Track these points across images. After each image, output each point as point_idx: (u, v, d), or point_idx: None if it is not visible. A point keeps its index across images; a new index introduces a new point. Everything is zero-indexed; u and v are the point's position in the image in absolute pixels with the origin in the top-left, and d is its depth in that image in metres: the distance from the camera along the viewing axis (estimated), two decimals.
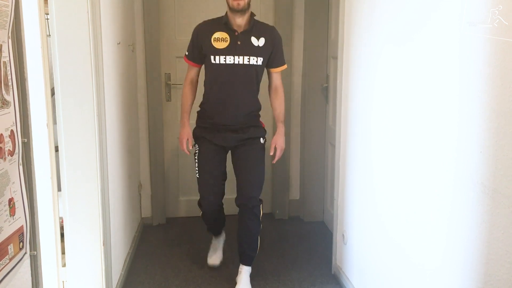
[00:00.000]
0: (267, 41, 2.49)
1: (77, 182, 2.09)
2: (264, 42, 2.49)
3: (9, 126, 1.15)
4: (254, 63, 2.46)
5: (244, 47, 2.45)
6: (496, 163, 1.27)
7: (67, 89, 2.01)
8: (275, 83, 2.64)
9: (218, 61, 2.45)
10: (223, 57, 2.44)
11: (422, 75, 1.68)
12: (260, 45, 2.48)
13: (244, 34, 2.45)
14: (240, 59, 2.44)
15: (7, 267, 1.15)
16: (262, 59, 2.48)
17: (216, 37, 2.45)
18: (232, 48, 2.44)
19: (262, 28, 2.52)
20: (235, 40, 2.44)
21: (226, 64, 2.45)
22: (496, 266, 1.29)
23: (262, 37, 2.49)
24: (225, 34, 2.45)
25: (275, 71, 2.61)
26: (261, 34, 2.49)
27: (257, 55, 2.46)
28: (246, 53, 2.45)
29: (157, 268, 2.83)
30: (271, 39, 2.52)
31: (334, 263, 2.75)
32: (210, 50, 2.46)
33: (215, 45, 2.45)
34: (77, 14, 1.98)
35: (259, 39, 2.48)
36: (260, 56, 2.47)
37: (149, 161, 3.47)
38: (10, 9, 1.15)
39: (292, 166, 3.63)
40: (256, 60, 2.47)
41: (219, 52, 2.44)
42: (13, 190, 1.18)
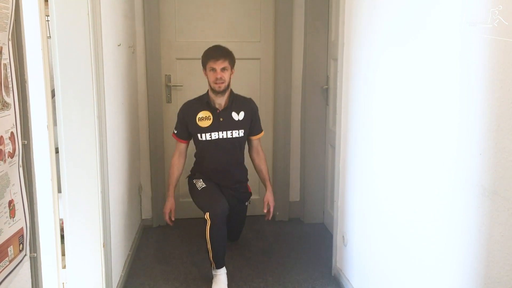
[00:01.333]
0: (246, 114, 2.82)
1: (78, 184, 2.09)
2: (243, 115, 2.81)
3: (9, 128, 1.15)
4: (236, 135, 2.80)
5: (227, 123, 2.77)
6: (496, 165, 1.27)
7: (68, 91, 2.01)
8: (256, 148, 2.97)
9: (204, 138, 2.77)
10: (208, 134, 2.76)
11: (422, 77, 1.68)
12: (240, 119, 2.80)
13: (225, 111, 2.77)
14: (224, 134, 2.77)
15: (7, 269, 1.15)
16: (243, 131, 2.81)
17: (200, 116, 2.77)
18: (215, 125, 2.76)
19: (240, 102, 2.83)
20: (218, 117, 2.76)
21: (212, 139, 2.77)
22: (496, 268, 1.29)
23: (242, 111, 2.81)
24: (208, 113, 2.77)
25: (254, 138, 2.94)
26: (240, 108, 2.81)
27: (238, 128, 2.79)
28: (229, 128, 2.78)
29: (158, 270, 2.83)
30: (250, 111, 2.84)
31: (334, 265, 2.75)
32: (196, 129, 2.77)
33: (200, 124, 2.77)
34: (78, 15, 1.98)
35: (239, 113, 2.80)
36: (241, 129, 2.80)
37: (149, 162, 3.48)
38: (10, 11, 1.15)
39: (292, 168, 3.63)
40: (238, 133, 2.80)
41: (204, 130, 2.76)
42: (13, 192, 1.18)
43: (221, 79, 2.66)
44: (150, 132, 3.43)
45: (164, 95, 3.46)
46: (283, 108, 3.52)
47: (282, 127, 3.55)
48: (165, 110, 3.48)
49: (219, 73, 2.65)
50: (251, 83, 3.51)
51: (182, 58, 3.45)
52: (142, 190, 3.49)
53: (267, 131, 2.82)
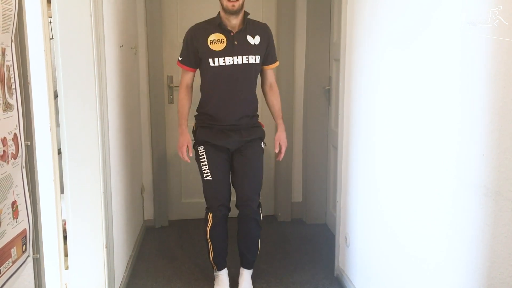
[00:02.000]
0: (262, 38, 2.49)
1: (80, 185, 2.09)
2: (259, 40, 2.48)
3: (12, 130, 1.15)
4: (252, 61, 2.46)
5: (242, 47, 2.44)
6: (499, 166, 1.27)
7: (70, 92, 2.02)
8: (270, 80, 2.64)
9: (217, 63, 2.42)
10: (222, 58, 2.42)
11: (423, 78, 1.67)
12: (257, 43, 2.47)
13: (240, 34, 2.44)
14: (239, 59, 2.43)
15: (10, 270, 1.16)
16: (259, 57, 2.49)
17: (212, 39, 2.43)
18: (230, 49, 2.42)
19: (255, 26, 2.51)
20: (232, 40, 2.43)
21: (226, 65, 2.43)
22: (499, 269, 1.29)
23: (257, 35, 2.48)
24: (221, 35, 2.43)
25: (269, 68, 2.61)
26: (256, 32, 2.48)
27: (254, 53, 2.46)
28: (245, 52, 2.44)
29: (160, 271, 2.83)
30: (266, 36, 2.51)
31: (336, 266, 2.75)
32: (207, 53, 2.43)
33: (212, 48, 2.42)
34: (80, 17, 1.99)
35: (254, 37, 2.47)
36: (258, 54, 2.48)
37: (151, 163, 3.48)
38: (13, 13, 1.15)
39: (295, 168, 3.63)
40: (255, 58, 2.46)
41: (218, 54, 2.42)
42: (16, 193, 1.18)
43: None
44: (152, 132, 3.43)
45: (166, 96, 3.46)
46: (285, 108, 3.51)
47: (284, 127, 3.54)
48: (167, 111, 3.48)
49: None
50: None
51: None
52: (144, 191, 3.49)
53: (269, 132, 2.71)
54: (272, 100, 2.66)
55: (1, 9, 1.08)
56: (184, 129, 2.56)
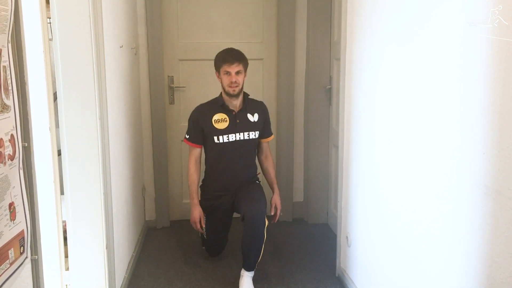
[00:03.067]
0: (260, 116, 2.82)
1: (80, 186, 2.09)
2: (258, 117, 2.81)
3: (9, 131, 1.15)
4: (253, 136, 2.78)
5: (243, 124, 2.75)
6: (499, 165, 1.26)
7: (69, 93, 2.02)
8: (265, 152, 2.96)
9: (221, 140, 2.73)
10: (226, 136, 2.72)
11: (424, 77, 1.67)
12: (255, 120, 2.80)
13: (241, 113, 2.75)
14: (241, 136, 2.75)
15: (8, 272, 1.15)
16: (258, 132, 2.81)
17: (216, 119, 2.73)
18: (232, 126, 2.73)
19: (254, 105, 2.83)
20: (234, 119, 2.73)
21: (229, 141, 2.73)
22: (500, 269, 1.28)
23: (256, 113, 2.81)
24: (224, 115, 2.73)
25: (265, 141, 2.93)
26: (254, 110, 2.80)
27: (254, 129, 2.78)
28: (246, 129, 2.76)
29: (161, 271, 2.82)
30: (263, 113, 2.84)
31: (338, 266, 2.74)
32: (212, 131, 2.72)
33: (217, 126, 2.72)
34: (79, 17, 1.99)
35: (253, 115, 2.80)
36: (257, 130, 2.80)
37: (152, 164, 3.48)
38: (10, 13, 1.15)
39: (296, 168, 3.63)
40: (254, 134, 2.79)
41: (221, 132, 2.72)
42: (14, 195, 1.18)
43: (236, 82, 2.63)
44: (153, 133, 3.43)
45: (167, 96, 3.46)
46: (286, 108, 3.52)
47: (285, 128, 3.54)
48: (168, 111, 3.48)
49: (234, 77, 2.62)
50: (254, 84, 3.50)
51: (185, 59, 3.45)
52: (145, 192, 3.49)
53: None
54: (268, 168, 2.96)
55: None
56: (196, 203, 2.80)
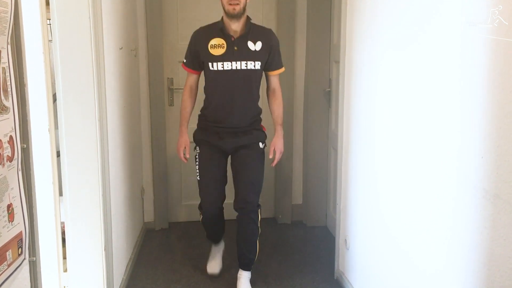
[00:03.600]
0: (264, 44, 2.50)
1: (79, 187, 2.09)
2: (261, 46, 2.49)
3: (8, 132, 1.15)
4: (252, 67, 2.47)
5: (241, 52, 2.46)
6: (498, 169, 1.26)
7: (69, 94, 2.01)
8: (273, 86, 2.66)
9: (216, 68, 2.47)
10: (220, 63, 2.45)
11: (423, 80, 1.67)
12: (257, 49, 2.49)
13: (241, 39, 2.46)
14: (237, 65, 2.45)
15: (5, 273, 1.15)
16: (259, 63, 2.49)
17: (213, 43, 2.46)
18: (229, 54, 2.45)
19: (258, 32, 2.52)
20: (232, 45, 2.45)
21: (224, 70, 2.46)
22: (498, 272, 1.28)
23: (259, 41, 2.49)
24: (222, 40, 2.46)
25: (272, 74, 2.62)
26: (258, 38, 2.49)
27: (254, 59, 2.47)
28: (243, 58, 2.46)
29: (159, 273, 2.82)
30: (268, 42, 2.52)
31: (336, 268, 2.74)
32: (207, 57, 2.47)
33: (212, 52, 2.46)
34: (79, 19, 1.99)
35: (255, 43, 2.49)
36: (258, 60, 2.48)
37: (151, 165, 3.47)
38: (9, 14, 1.15)
39: (295, 170, 3.62)
40: (254, 65, 2.47)
41: (217, 59, 2.46)
42: (12, 196, 1.17)
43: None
44: (152, 135, 3.43)
45: (166, 98, 3.46)
46: (285, 110, 3.49)
47: (284, 130, 3.49)
48: (168, 113, 3.48)
49: None
50: None
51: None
52: (144, 193, 3.48)
53: (270, 133, 2.71)
54: (273, 106, 2.68)
55: None
56: (183, 130, 2.63)
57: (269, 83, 2.66)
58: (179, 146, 2.63)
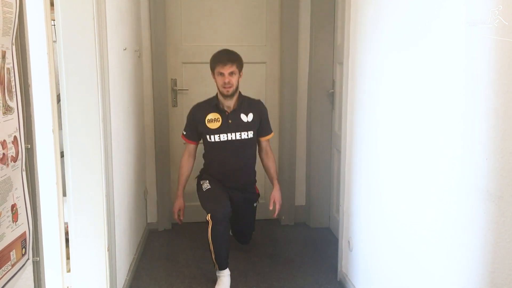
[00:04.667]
0: (255, 115, 2.83)
1: (82, 188, 2.10)
2: (252, 117, 2.82)
3: (12, 132, 1.15)
4: (245, 137, 2.81)
5: (236, 125, 2.78)
6: (502, 170, 1.25)
7: (73, 95, 2.02)
8: (265, 149, 2.98)
9: (213, 139, 2.79)
10: (217, 135, 2.78)
11: (427, 81, 1.66)
12: (249, 120, 2.81)
13: (234, 113, 2.79)
14: (232, 136, 2.79)
15: (9, 273, 1.15)
16: (252, 132, 2.83)
17: (209, 118, 2.79)
18: (224, 127, 2.77)
19: (249, 104, 2.85)
20: (227, 119, 2.77)
21: (221, 141, 2.79)
22: (502, 275, 1.27)
23: (250, 113, 2.82)
24: (217, 115, 2.78)
25: (264, 139, 2.95)
26: (249, 110, 2.82)
27: (247, 129, 2.81)
28: (238, 129, 2.79)
29: (162, 274, 2.82)
30: (258, 113, 2.85)
31: (340, 270, 2.73)
32: (205, 130, 2.80)
33: (209, 126, 2.78)
34: (83, 20, 1.99)
35: (247, 115, 2.81)
36: (250, 130, 2.82)
37: (155, 166, 3.48)
38: (14, 16, 1.15)
39: (298, 172, 3.62)
40: (247, 134, 2.81)
41: (213, 132, 2.78)
42: (16, 196, 1.18)
43: (229, 83, 2.68)
44: (156, 135, 3.44)
45: (170, 99, 3.47)
46: (289, 112, 3.52)
47: (288, 131, 3.54)
48: (171, 114, 3.49)
49: (227, 78, 2.67)
50: (257, 87, 3.51)
51: (188, 62, 3.46)
52: (148, 194, 3.49)
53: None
54: (268, 164, 2.99)
55: (2, 12, 1.09)
56: (179, 194, 2.91)
57: (261, 146, 2.98)
58: (174, 208, 2.88)
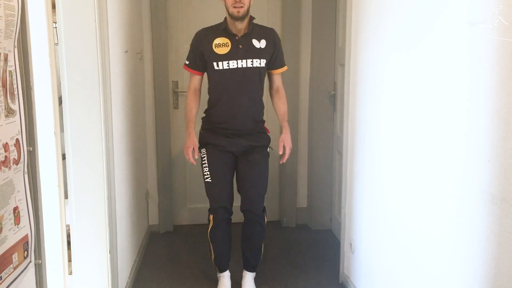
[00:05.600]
0: (268, 42, 2.50)
1: (84, 190, 2.10)
2: (265, 44, 2.49)
3: (14, 135, 1.15)
4: (257, 65, 2.47)
5: (246, 50, 2.45)
6: (505, 172, 1.25)
7: (74, 97, 2.03)
8: (277, 84, 2.65)
9: (221, 67, 2.44)
10: (226, 62, 2.44)
11: (429, 83, 1.66)
12: (262, 47, 2.48)
13: (245, 38, 2.46)
14: (243, 63, 2.44)
15: (11, 276, 1.15)
16: (265, 61, 2.49)
17: (217, 43, 2.45)
18: (234, 52, 2.44)
19: (262, 30, 2.52)
20: (237, 44, 2.44)
21: (230, 68, 2.44)
22: (505, 277, 1.27)
23: (263, 39, 2.49)
24: (226, 39, 2.45)
25: (276, 72, 2.61)
26: (262, 36, 2.49)
27: (260, 57, 2.47)
28: (249, 56, 2.45)
29: (164, 276, 2.82)
30: (272, 40, 2.52)
31: (341, 272, 2.73)
32: (212, 57, 2.46)
33: (217, 51, 2.45)
34: (85, 22, 2.00)
35: (260, 41, 2.48)
36: (263, 58, 2.48)
37: (156, 168, 3.48)
38: (16, 18, 1.15)
39: (300, 173, 3.62)
40: (259, 62, 2.47)
41: (222, 58, 2.44)
42: (18, 199, 1.18)
43: (241, 2, 2.34)
44: (158, 138, 3.44)
45: (171, 101, 3.47)
46: (290, 113, 3.49)
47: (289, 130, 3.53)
48: (173, 116, 3.49)
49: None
50: None
51: None
52: (149, 196, 3.49)
53: (274, 137, 2.72)
54: (278, 104, 2.65)
55: (4, 15, 1.09)
56: (191, 132, 2.56)
57: (273, 82, 2.65)
58: (187, 147, 2.55)
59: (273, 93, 2.67)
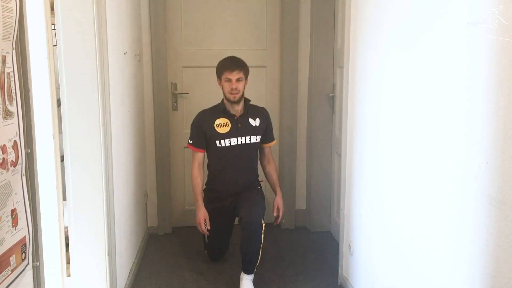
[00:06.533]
0: (262, 120, 2.88)
1: (83, 192, 2.09)
2: (259, 122, 2.87)
3: (12, 137, 1.15)
4: (254, 140, 2.84)
5: (245, 129, 2.82)
6: (503, 175, 1.25)
7: (73, 99, 2.02)
8: (268, 156, 3.00)
9: (223, 144, 2.79)
10: (227, 140, 2.79)
11: (428, 84, 1.66)
12: (257, 125, 2.86)
13: (242, 117, 2.82)
14: (242, 139, 2.81)
15: (9, 278, 1.15)
16: (260, 137, 2.87)
17: (218, 123, 2.80)
18: (234, 131, 2.80)
19: (255, 110, 2.90)
20: (236, 123, 2.80)
21: (231, 145, 2.80)
22: (503, 279, 1.27)
23: (257, 118, 2.87)
24: (226, 119, 2.80)
25: (267, 146, 2.98)
26: (256, 115, 2.87)
27: (256, 133, 2.84)
28: (247, 133, 2.82)
29: (163, 278, 2.81)
30: (264, 118, 2.91)
31: (340, 274, 2.72)
32: (214, 136, 2.79)
33: (219, 131, 2.79)
34: (84, 24, 2.00)
35: (255, 119, 2.86)
36: (258, 134, 2.86)
37: (155, 170, 3.47)
38: (14, 20, 1.15)
39: (299, 175, 3.62)
40: (256, 138, 2.85)
41: (223, 136, 2.79)
42: (16, 201, 1.17)
43: (236, 89, 2.70)
44: (156, 139, 3.43)
45: (170, 102, 3.47)
46: (289, 116, 3.52)
47: (288, 135, 3.54)
48: (171, 118, 3.49)
49: (234, 84, 2.70)
50: (257, 91, 3.51)
51: (188, 66, 3.46)
52: (148, 198, 3.48)
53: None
54: (271, 172, 2.99)
55: (2, 17, 1.09)
56: (200, 205, 2.81)
57: (264, 154, 3.00)
58: (199, 220, 2.78)
59: (265, 164, 3.02)
